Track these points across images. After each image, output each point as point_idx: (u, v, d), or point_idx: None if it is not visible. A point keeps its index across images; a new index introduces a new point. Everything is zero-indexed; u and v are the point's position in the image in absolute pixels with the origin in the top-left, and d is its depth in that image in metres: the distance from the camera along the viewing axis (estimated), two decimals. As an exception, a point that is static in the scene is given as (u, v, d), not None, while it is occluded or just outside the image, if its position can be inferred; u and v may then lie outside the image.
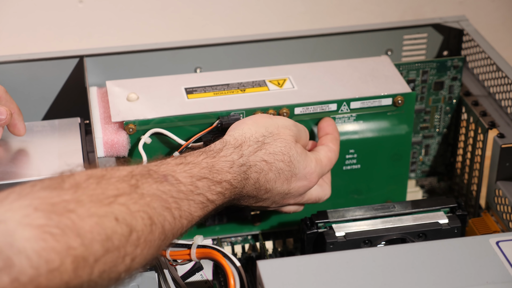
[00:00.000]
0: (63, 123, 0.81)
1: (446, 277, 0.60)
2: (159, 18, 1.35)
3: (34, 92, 0.87)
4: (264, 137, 0.69)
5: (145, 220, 0.55)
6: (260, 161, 0.67)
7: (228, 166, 0.65)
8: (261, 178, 0.68)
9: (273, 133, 0.69)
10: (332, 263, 0.62)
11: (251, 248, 0.84)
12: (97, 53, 0.86)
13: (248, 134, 0.69)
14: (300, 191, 0.71)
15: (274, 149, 0.68)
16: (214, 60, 0.89)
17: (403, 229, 0.73)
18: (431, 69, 0.88)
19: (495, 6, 1.43)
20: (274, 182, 0.68)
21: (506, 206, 0.79)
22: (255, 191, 0.68)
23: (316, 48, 0.91)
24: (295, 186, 0.70)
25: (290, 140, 0.70)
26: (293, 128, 0.71)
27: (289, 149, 0.69)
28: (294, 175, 0.70)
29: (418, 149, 0.92)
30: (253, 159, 0.67)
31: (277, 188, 0.69)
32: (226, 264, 0.63)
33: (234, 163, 0.66)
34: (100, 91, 0.81)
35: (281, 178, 0.69)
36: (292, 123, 0.72)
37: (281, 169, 0.68)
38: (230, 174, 0.65)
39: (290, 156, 0.69)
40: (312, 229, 0.73)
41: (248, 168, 0.67)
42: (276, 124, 0.70)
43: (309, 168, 0.70)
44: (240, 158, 0.66)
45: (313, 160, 0.72)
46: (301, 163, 0.70)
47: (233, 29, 1.37)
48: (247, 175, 0.67)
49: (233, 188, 0.65)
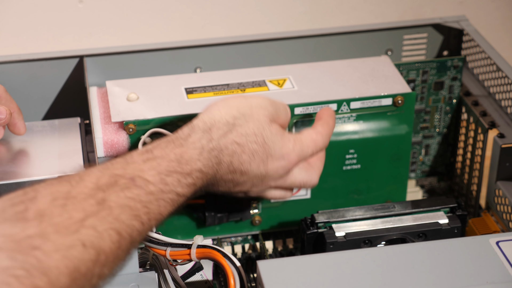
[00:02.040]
0: (63, 123, 0.81)
1: (446, 277, 0.60)
2: (159, 18, 1.35)
3: (34, 92, 0.87)
4: (235, 119, 0.66)
5: (113, 237, 0.53)
6: (231, 143, 0.65)
7: (198, 153, 0.63)
8: (235, 161, 0.65)
9: (245, 114, 0.67)
10: (332, 263, 0.62)
11: (251, 248, 0.84)
12: (97, 53, 0.86)
13: (218, 117, 0.66)
14: (279, 172, 0.69)
15: (245, 131, 0.66)
16: (214, 60, 0.89)
17: (403, 229, 0.73)
18: (431, 69, 0.88)
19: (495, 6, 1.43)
20: (249, 164, 0.66)
21: (506, 206, 0.79)
22: (230, 174, 0.66)
23: (316, 48, 0.91)
24: (273, 167, 0.68)
25: (263, 120, 0.67)
26: (268, 107, 0.69)
27: (262, 129, 0.67)
28: (270, 156, 0.67)
29: (418, 149, 0.92)
30: (223, 142, 0.65)
31: (254, 170, 0.67)
32: (226, 264, 0.63)
33: (203, 148, 0.63)
34: (100, 91, 0.82)
35: (256, 159, 0.66)
36: (268, 102, 0.69)
37: (255, 151, 0.66)
38: (200, 161, 0.63)
39: (263, 137, 0.67)
40: (312, 229, 0.73)
41: (219, 152, 0.64)
42: (249, 104, 0.68)
43: (286, 148, 0.68)
44: (209, 143, 0.64)
45: (291, 140, 0.69)
46: (277, 143, 0.67)
47: (233, 29, 1.37)
48: (218, 160, 0.64)
49: (204, 176, 0.63)
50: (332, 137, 0.80)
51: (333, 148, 0.80)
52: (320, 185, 0.81)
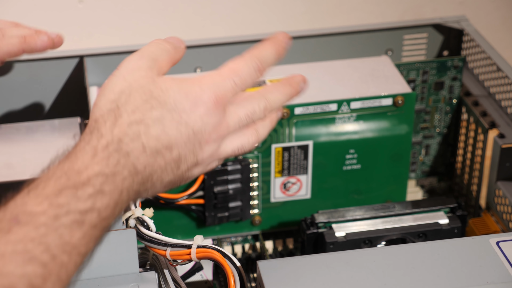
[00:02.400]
0: (63, 123, 0.81)
1: (446, 277, 0.60)
2: (159, 18, 1.35)
3: (34, 92, 0.87)
4: (115, 101, 0.54)
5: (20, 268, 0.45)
6: (128, 126, 0.53)
7: (90, 156, 0.51)
8: (147, 141, 0.53)
9: (123, 90, 0.54)
10: (332, 263, 0.62)
11: (251, 248, 0.84)
12: (97, 53, 0.86)
13: (97, 111, 0.54)
14: (207, 120, 0.55)
15: (134, 105, 0.53)
16: (214, 60, 0.89)
17: (403, 229, 0.73)
18: (431, 69, 0.88)
19: (495, 6, 1.43)
20: (165, 134, 0.53)
21: (506, 206, 0.79)
22: (155, 157, 0.53)
23: (316, 48, 0.91)
24: (194, 120, 0.54)
25: (144, 82, 0.54)
26: (140, 62, 0.56)
27: (150, 92, 0.54)
28: (180, 111, 0.54)
29: (418, 149, 0.92)
30: (118, 131, 0.52)
31: (177, 136, 0.54)
32: (226, 264, 0.63)
33: (96, 149, 0.51)
34: (100, 91, 0.81)
35: (168, 124, 0.54)
36: (137, 56, 0.56)
37: (159, 117, 0.53)
38: (97, 164, 0.51)
39: (157, 99, 0.54)
40: (312, 229, 0.73)
41: (118, 144, 0.52)
42: (121, 76, 0.55)
43: (193, 93, 0.55)
44: (100, 140, 0.52)
45: (195, 81, 0.56)
46: (177, 95, 0.54)
47: (233, 29, 1.37)
48: (123, 152, 0.52)
49: (113, 177, 0.51)
50: (332, 137, 0.80)
51: (333, 148, 0.80)
52: (320, 185, 0.82)
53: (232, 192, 0.79)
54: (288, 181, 0.81)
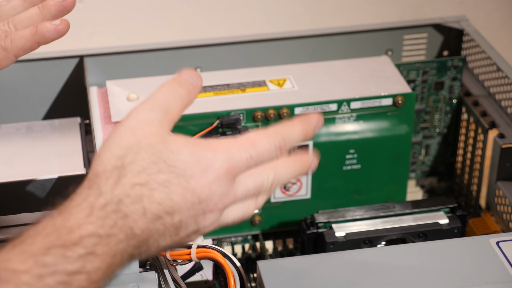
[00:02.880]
0: (63, 123, 0.81)
1: (446, 277, 0.60)
2: (159, 18, 1.35)
3: (34, 92, 0.87)
4: (121, 158, 0.50)
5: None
6: (130, 188, 0.49)
7: (85, 215, 0.48)
8: (148, 205, 0.49)
9: (131, 146, 0.51)
10: (332, 263, 0.62)
11: (251, 248, 0.84)
12: (97, 53, 0.86)
13: (101, 166, 0.50)
14: (215, 189, 0.52)
15: (141, 166, 0.50)
16: (214, 60, 0.89)
17: (403, 229, 0.73)
18: (431, 69, 0.88)
19: (495, 6, 1.43)
20: (170, 200, 0.50)
21: (506, 206, 0.79)
22: (155, 223, 0.50)
23: (316, 48, 0.91)
24: (201, 187, 0.51)
25: (155, 140, 0.51)
26: (152, 114, 0.52)
27: (159, 153, 0.50)
28: (191, 178, 0.51)
29: (418, 149, 0.92)
30: (119, 191, 0.49)
31: (181, 203, 0.51)
32: (226, 264, 0.63)
33: (93, 207, 0.48)
34: (100, 91, 0.82)
35: (174, 189, 0.50)
36: (149, 107, 0.52)
37: (165, 181, 0.50)
38: (91, 224, 0.47)
39: (166, 161, 0.50)
40: (312, 229, 0.73)
41: (117, 205, 0.49)
42: (130, 130, 0.51)
43: (204, 159, 0.51)
44: (99, 198, 0.49)
45: (209, 147, 0.52)
46: (188, 159, 0.51)
47: (233, 29, 1.37)
48: (122, 214, 0.49)
49: (107, 239, 0.48)
50: (332, 137, 0.80)
51: (333, 148, 0.80)
52: (320, 185, 0.82)
53: (232, 192, 0.79)
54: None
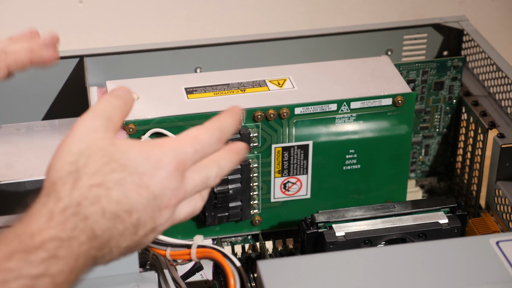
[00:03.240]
0: (63, 123, 0.81)
1: (446, 277, 0.60)
2: (159, 18, 1.35)
3: (34, 92, 0.87)
4: (74, 163, 0.52)
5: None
6: (87, 190, 0.51)
7: (45, 220, 0.49)
8: (106, 205, 0.51)
9: (81, 152, 0.53)
10: (332, 263, 0.62)
11: (251, 248, 0.84)
12: (97, 53, 0.86)
13: (55, 174, 0.52)
14: (167, 184, 0.54)
15: (95, 168, 0.52)
16: (214, 60, 0.89)
17: (403, 229, 0.73)
18: (431, 69, 0.88)
19: (495, 6, 1.43)
20: (126, 198, 0.52)
21: (506, 206, 0.79)
22: (112, 221, 0.51)
23: (316, 48, 0.91)
24: (154, 183, 0.53)
25: (104, 144, 0.53)
26: (96, 123, 0.54)
27: (110, 154, 0.52)
28: (143, 175, 0.53)
29: (418, 149, 0.92)
30: (77, 194, 0.51)
31: (137, 200, 0.52)
32: (226, 264, 0.63)
33: (52, 213, 0.50)
34: (100, 91, 0.82)
35: (128, 187, 0.52)
36: (91, 117, 0.55)
37: (120, 180, 0.52)
38: (52, 229, 0.49)
39: (117, 161, 0.52)
40: (312, 229, 0.73)
41: (77, 208, 0.50)
42: (78, 137, 0.54)
43: (153, 156, 0.53)
44: (58, 203, 0.50)
45: (156, 145, 0.54)
46: (138, 157, 0.53)
47: (233, 29, 1.37)
48: (82, 216, 0.50)
49: (69, 241, 0.49)
50: (332, 137, 0.80)
51: (333, 148, 0.80)
52: (320, 185, 0.82)
53: (232, 192, 0.79)
54: (288, 181, 0.81)
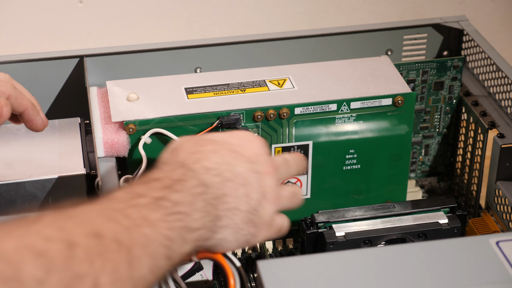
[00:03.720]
0: (63, 123, 0.81)
1: (446, 277, 0.60)
2: (159, 18, 1.35)
3: (34, 92, 0.86)
4: (171, 151, 0.61)
5: (87, 234, 0.48)
6: (188, 154, 0.59)
7: (157, 170, 0.58)
8: (207, 163, 0.58)
9: (175, 147, 0.61)
10: (332, 263, 0.62)
11: (251, 248, 0.84)
12: (97, 53, 0.86)
13: (160, 162, 0.60)
14: (260, 152, 0.61)
15: (188, 148, 0.60)
16: (214, 60, 0.89)
17: (403, 229, 0.73)
18: (431, 69, 0.88)
19: (495, 6, 1.43)
20: (224, 160, 0.59)
21: (506, 206, 0.79)
22: (218, 177, 0.58)
23: (316, 48, 0.91)
24: (249, 152, 0.61)
25: (190, 138, 0.62)
26: (189, 138, 0.63)
27: (197, 140, 0.61)
28: (232, 145, 0.61)
29: (418, 149, 0.92)
30: (180, 158, 0.59)
31: (236, 162, 0.59)
32: (226, 264, 0.63)
33: (162, 168, 0.58)
34: (100, 91, 0.82)
35: (225, 154, 0.60)
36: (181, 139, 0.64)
37: (214, 150, 0.60)
38: (163, 173, 0.57)
39: (205, 139, 0.61)
40: (312, 229, 0.73)
41: (182, 163, 0.58)
42: (172, 143, 0.63)
43: (236, 134, 0.62)
44: (166, 164, 0.59)
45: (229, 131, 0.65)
46: (224, 136, 0.62)
47: (233, 29, 1.37)
48: (187, 168, 0.58)
49: (180, 182, 0.56)
50: (332, 137, 0.80)
51: (333, 148, 0.80)
52: (320, 185, 0.82)
53: (232, 192, 0.79)
54: (288, 181, 0.81)
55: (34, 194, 0.73)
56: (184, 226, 0.54)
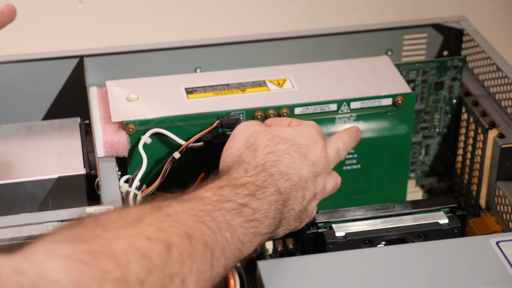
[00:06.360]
0: (63, 123, 0.81)
1: (446, 277, 0.60)
2: (159, 18, 1.35)
3: (34, 92, 0.87)
4: (246, 144, 0.66)
5: (181, 235, 0.52)
6: (265, 156, 0.64)
7: (243, 172, 0.62)
8: (281, 167, 0.64)
9: (248, 137, 0.67)
10: (332, 263, 0.62)
11: (251, 248, 0.84)
12: (97, 53, 0.86)
13: (236, 151, 0.66)
14: (321, 155, 0.67)
15: (263, 143, 0.66)
16: (214, 60, 0.89)
17: (403, 229, 0.73)
18: (431, 69, 0.88)
19: (495, 6, 1.43)
20: (293, 163, 0.64)
21: (506, 206, 0.79)
22: (289, 182, 0.64)
23: (316, 48, 0.91)
24: (313, 155, 0.66)
25: (263, 129, 0.67)
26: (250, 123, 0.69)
27: (271, 133, 0.67)
28: (301, 146, 0.66)
29: (418, 149, 0.92)
30: (259, 159, 0.64)
31: (302, 166, 0.65)
32: (226, 264, 0.63)
33: (247, 169, 0.63)
34: (100, 91, 0.82)
35: (294, 155, 0.65)
36: (245, 122, 0.70)
37: (286, 150, 0.65)
38: (249, 177, 0.62)
39: (279, 136, 0.66)
40: (312, 229, 0.73)
41: (263, 167, 0.63)
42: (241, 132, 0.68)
43: (304, 132, 0.67)
44: (249, 164, 0.63)
45: (299, 127, 0.69)
46: (294, 133, 0.67)
47: (233, 29, 1.37)
48: (268, 173, 0.63)
49: (262, 189, 0.61)
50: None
51: (333, 148, 0.80)
52: (320, 185, 0.82)
53: (232, 192, 0.79)
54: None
55: (34, 194, 0.73)
56: (256, 232, 0.60)
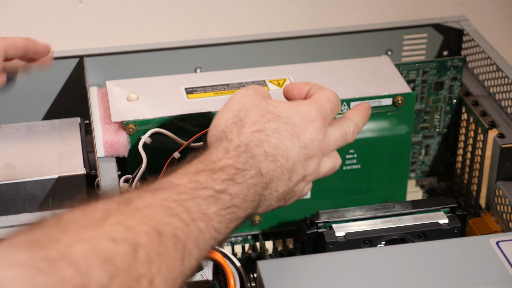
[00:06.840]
0: (63, 123, 0.81)
1: (446, 277, 0.60)
2: (159, 18, 1.35)
3: (34, 92, 0.87)
4: (237, 115, 0.61)
5: (149, 233, 0.49)
6: (251, 134, 0.60)
7: (223, 153, 0.58)
8: (267, 148, 0.59)
9: (240, 108, 0.62)
10: (332, 263, 0.62)
11: (251, 248, 0.84)
12: (97, 53, 0.86)
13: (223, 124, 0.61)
14: (315, 135, 0.62)
15: (254, 118, 0.61)
16: (214, 60, 0.89)
17: (403, 229, 0.73)
18: (431, 69, 0.88)
19: (495, 6, 1.43)
20: (282, 144, 0.60)
21: (506, 206, 0.79)
22: (273, 163, 0.59)
23: (316, 48, 0.91)
24: (305, 135, 0.61)
25: (258, 102, 0.62)
26: (249, 92, 0.64)
27: (265, 108, 0.62)
28: (294, 125, 0.61)
29: (418, 149, 0.92)
30: (244, 138, 0.59)
31: (291, 148, 0.60)
32: (226, 264, 0.63)
33: (228, 149, 0.58)
34: (100, 91, 0.82)
35: (284, 135, 0.60)
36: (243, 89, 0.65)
37: (276, 129, 0.60)
38: (229, 159, 0.57)
39: (272, 113, 0.61)
40: (312, 229, 0.73)
41: (246, 147, 0.59)
42: (236, 101, 0.63)
43: (302, 111, 0.62)
44: (231, 143, 0.59)
45: (302, 103, 0.63)
46: (289, 110, 0.62)
47: (233, 29, 1.37)
48: (251, 154, 0.58)
49: (242, 172, 0.57)
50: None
51: (333, 148, 0.80)
52: (320, 185, 0.82)
53: (232, 192, 0.79)
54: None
55: (34, 194, 0.73)
56: (232, 217, 0.56)
